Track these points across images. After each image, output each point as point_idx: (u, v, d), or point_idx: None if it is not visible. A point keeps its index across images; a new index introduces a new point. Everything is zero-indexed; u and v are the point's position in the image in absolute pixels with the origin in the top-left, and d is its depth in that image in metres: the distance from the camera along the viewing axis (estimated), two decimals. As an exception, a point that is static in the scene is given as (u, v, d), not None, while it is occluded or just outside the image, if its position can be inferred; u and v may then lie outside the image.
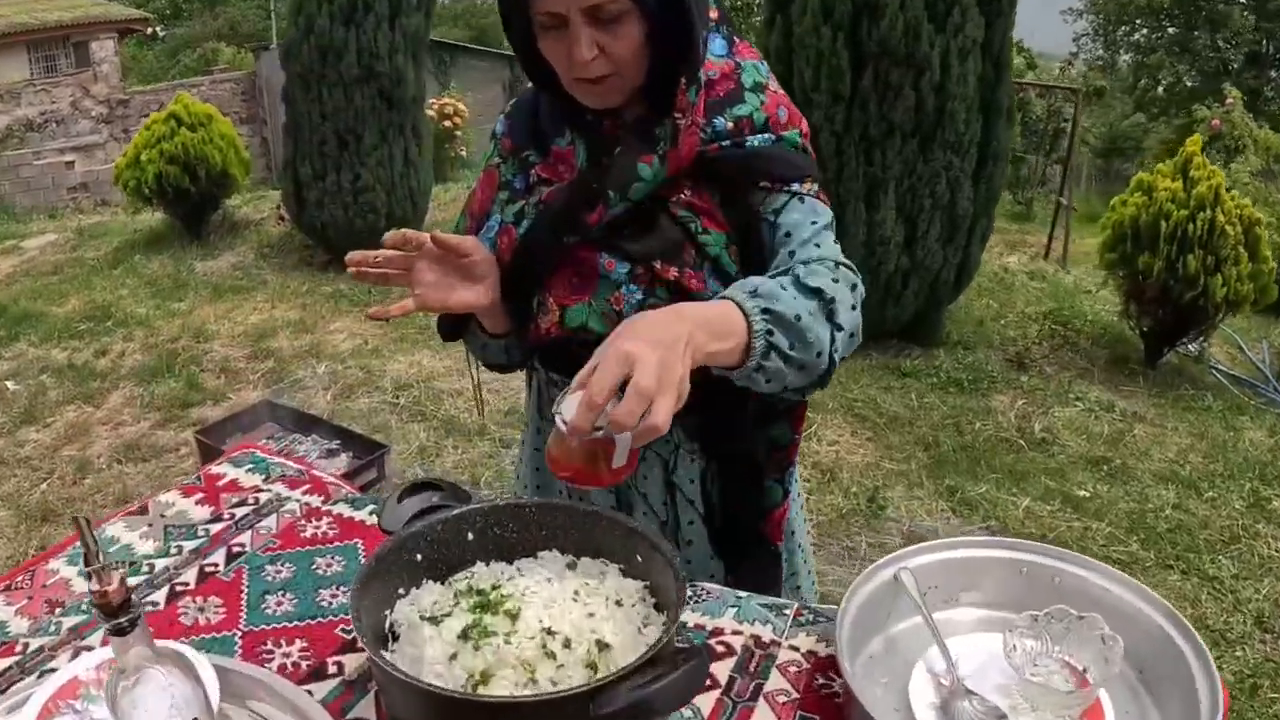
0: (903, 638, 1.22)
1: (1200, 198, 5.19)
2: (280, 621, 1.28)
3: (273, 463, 1.69)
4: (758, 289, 1.17)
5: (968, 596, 1.27)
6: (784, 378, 1.18)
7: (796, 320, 1.16)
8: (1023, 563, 1.26)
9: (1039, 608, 1.16)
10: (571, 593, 1.03)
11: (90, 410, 4.99)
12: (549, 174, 1.39)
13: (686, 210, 1.33)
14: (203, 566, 1.41)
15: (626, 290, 1.35)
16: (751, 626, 1.24)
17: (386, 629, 1.06)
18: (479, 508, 1.14)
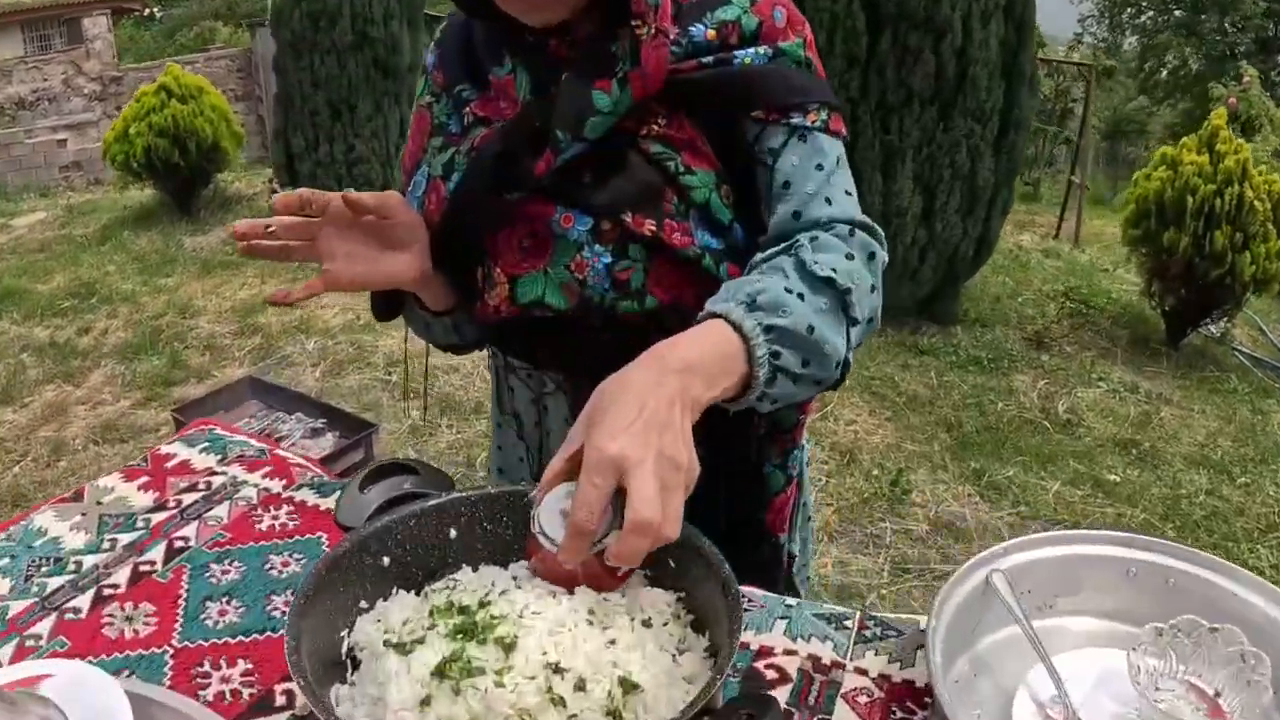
0: (995, 656, 1.00)
1: (1227, 172, 5.06)
2: (222, 636, 1.05)
3: (232, 441, 1.46)
4: (756, 297, 0.92)
5: (1065, 603, 1.05)
6: (792, 397, 0.97)
7: (809, 333, 0.93)
8: (1130, 562, 1.04)
9: (1151, 615, 0.96)
10: (586, 612, 0.79)
11: (69, 390, 4.81)
12: (487, 111, 1.13)
13: (662, 145, 1.06)
14: (137, 565, 1.18)
15: (590, 252, 1.08)
16: (808, 644, 1.00)
17: (344, 653, 0.82)
18: (464, 496, 0.90)
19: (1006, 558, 1.02)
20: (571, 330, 1.12)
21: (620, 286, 1.08)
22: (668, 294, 1.09)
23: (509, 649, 0.74)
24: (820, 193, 1.06)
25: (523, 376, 1.23)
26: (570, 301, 1.09)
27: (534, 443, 1.27)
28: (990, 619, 1.01)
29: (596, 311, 1.10)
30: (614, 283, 1.08)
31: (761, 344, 0.89)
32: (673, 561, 0.85)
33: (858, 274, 1.00)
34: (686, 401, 0.82)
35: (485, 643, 0.74)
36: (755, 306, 0.91)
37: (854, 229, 1.04)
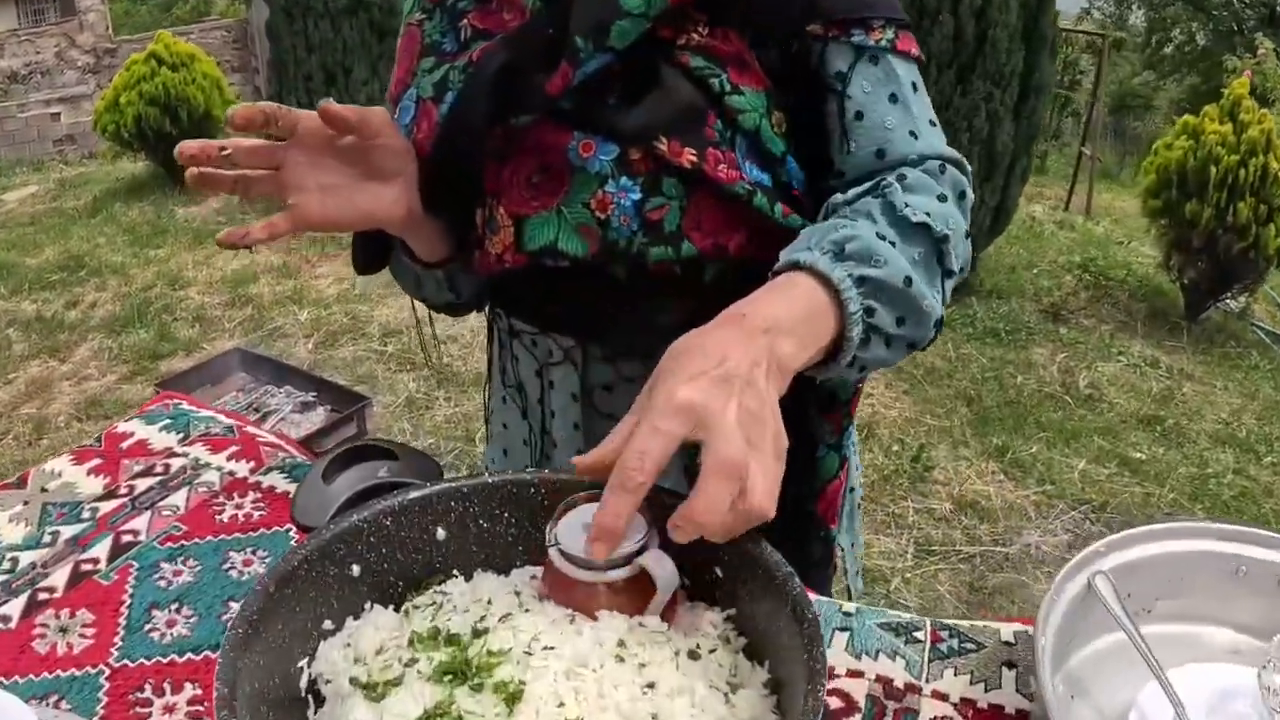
0: (1093, 674, 0.83)
1: (1251, 142, 4.89)
2: (168, 653, 0.88)
3: (197, 417, 1.28)
4: (844, 245, 0.77)
5: (1166, 606, 0.88)
6: (881, 363, 0.82)
7: (906, 285, 0.78)
8: (1240, 559, 0.88)
9: (1267, 622, 0.83)
10: (615, 645, 0.60)
11: (55, 365, 4.65)
12: (488, 24, 0.95)
13: (704, 57, 0.87)
14: (78, 563, 1.01)
15: (615, 187, 0.89)
16: (875, 662, 0.82)
17: (304, 687, 0.64)
18: (454, 487, 0.71)
19: (1108, 557, 0.85)
20: (589, 284, 0.93)
21: (652, 229, 0.89)
22: (708, 239, 0.90)
23: (513, 699, 0.55)
24: (902, 126, 0.89)
25: (527, 342, 1.04)
26: (589, 248, 0.90)
27: (538, 423, 1.07)
28: (1085, 630, 0.84)
29: (621, 259, 0.90)
30: (644, 224, 0.89)
31: (855, 299, 0.74)
32: (720, 571, 0.67)
33: (952, 218, 0.84)
34: (773, 365, 0.66)
35: (481, 689, 0.56)
36: (844, 255, 0.75)
37: (944, 165, 0.88)
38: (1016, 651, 0.86)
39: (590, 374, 0.99)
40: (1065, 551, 3.22)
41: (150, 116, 7.02)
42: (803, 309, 0.72)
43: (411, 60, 1.02)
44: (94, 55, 14.39)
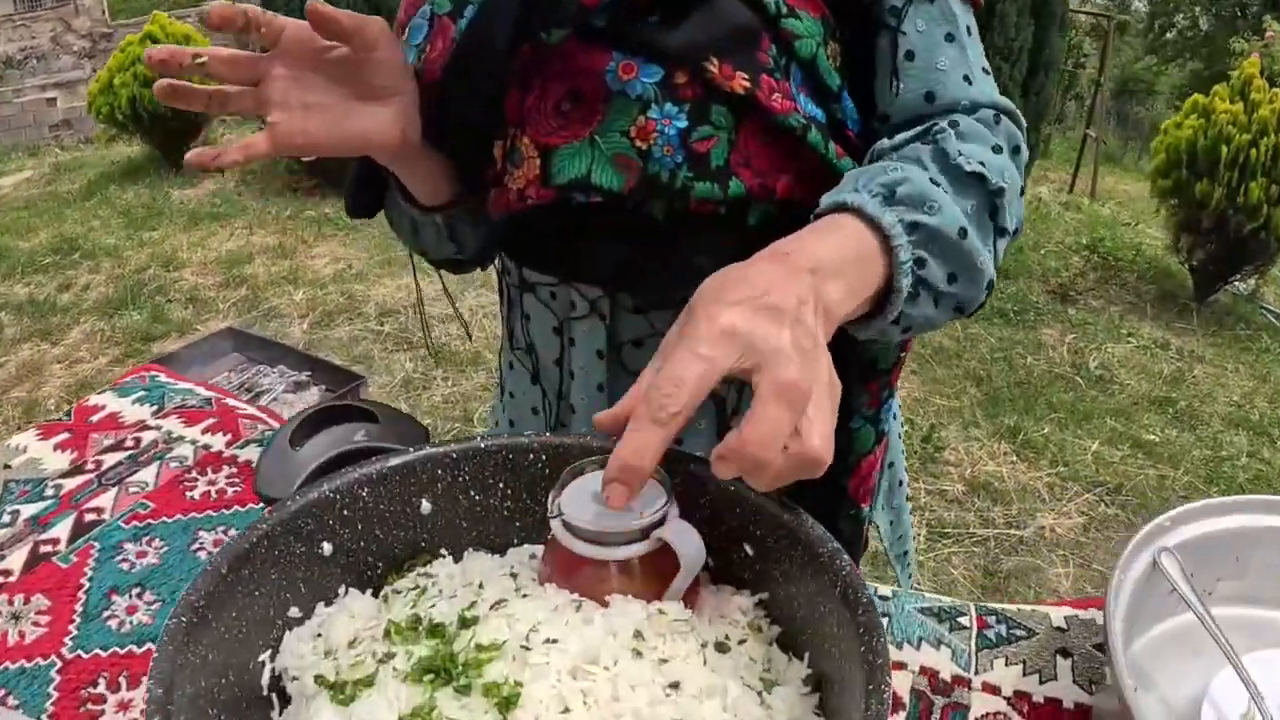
0: (1155, 661, 0.75)
1: (1263, 121, 4.81)
2: (125, 642, 0.79)
3: (172, 389, 1.20)
4: (895, 188, 0.69)
5: (1227, 587, 0.81)
6: (926, 325, 0.74)
7: (960, 237, 0.70)
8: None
9: None
10: (630, 636, 0.50)
11: (46, 348, 4.56)
12: None
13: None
14: (38, 544, 0.93)
15: (659, 113, 0.78)
16: (918, 651, 0.73)
17: (266, 684, 0.55)
18: (442, 452, 0.62)
19: (1172, 532, 0.77)
20: (622, 224, 0.83)
21: (697, 162, 0.79)
22: (756, 178, 0.80)
23: (507, 704, 0.45)
24: (955, 69, 0.81)
25: (544, 296, 0.93)
26: (626, 182, 0.79)
27: (553, 387, 0.97)
28: (1147, 613, 0.76)
29: (662, 195, 0.80)
30: (690, 156, 0.79)
31: (905, 246, 0.66)
32: (750, 548, 0.57)
33: (1008, 171, 0.76)
34: (820, 307, 0.57)
35: (469, 691, 0.46)
36: (895, 199, 0.68)
37: (999, 115, 0.80)
38: (1070, 638, 0.77)
39: (619, 327, 0.89)
40: (1080, 534, 3.14)
41: (145, 98, 6.91)
42: (851, 252, 0.64)
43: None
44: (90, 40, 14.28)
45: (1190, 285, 5.30)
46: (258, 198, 6.60)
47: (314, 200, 6.37)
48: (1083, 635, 0.77)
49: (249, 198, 6.61)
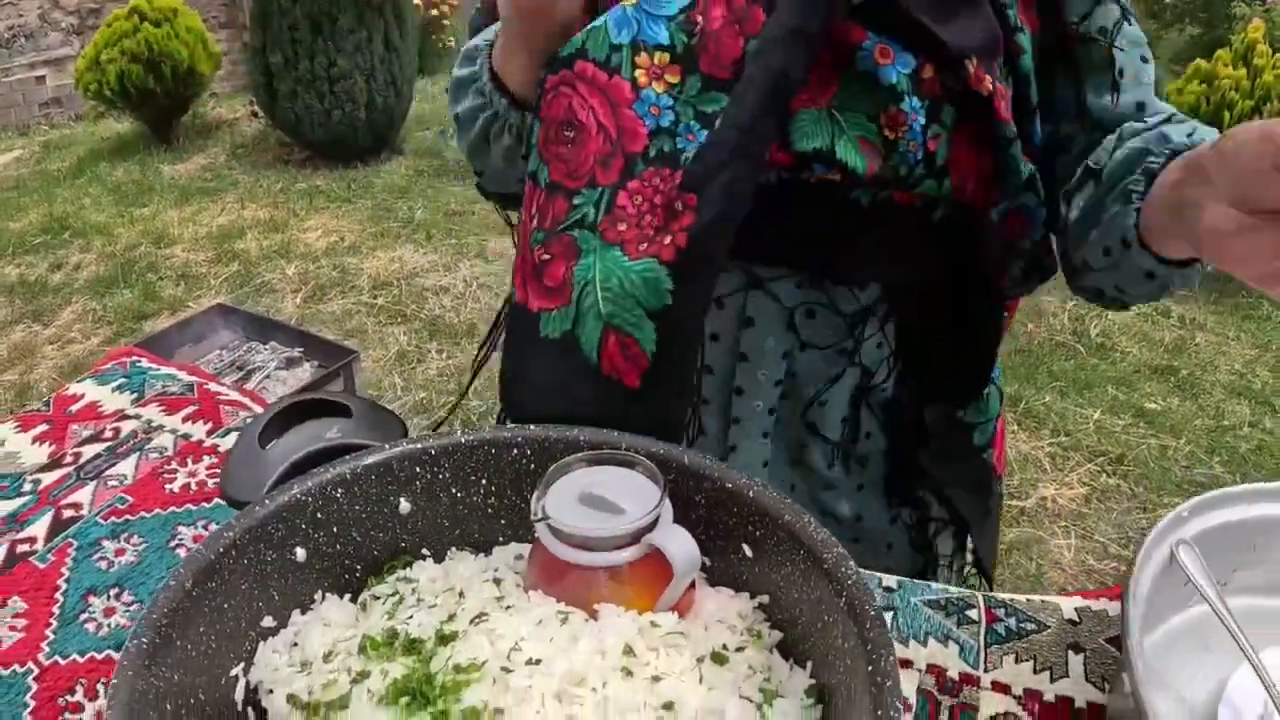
0: (1169, 656, 0.72)
1: (1266, 87, 4.77)
2: (103, 647, 0.76)
3: (154, 375, 1.16)
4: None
5: (1244, 577, 0.78)
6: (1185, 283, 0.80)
7: None
8: None
9: None
10: (620, 653, 0.47)
11: (39, 329, 4.53)
12: None
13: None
14: (14, 544, 0.89)
15: (909, 106, 0.76)
16: (925, 647, 0.70)
17: (240, 700, 0.52)
18: (420, 449, 0.58)
19: (1191, 522, 0.74)
20: (828, 202, 0.80)
21: (930, 160, 0.78)
22: (959, 178, 0.80)
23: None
24: (1151, 85, 0.87)
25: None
26: (870, 165, 0.77)
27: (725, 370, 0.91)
28: (1159, 607, 0.73)
29: (893, 184, 0.79)
30: (926, 154, 0.78)
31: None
32: (749, 549, 0.54)
33: None
34: None
35: (445, 717, 0.43)
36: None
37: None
38: (1082, 632, 0.74)
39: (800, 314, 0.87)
40: (1083, 505, 3.13)
41: (133, 73, 6.83)
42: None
43: None
44: (78, 16, 14.11)
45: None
46: (249, 171, 6.54)
47: (306, 173, 6.31)
48: (1095, 629, 0.74)
49: (240, 171, 6.56)
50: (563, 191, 0.76)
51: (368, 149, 6.29)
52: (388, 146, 6.46)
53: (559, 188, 0.76)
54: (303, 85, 6.05)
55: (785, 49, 0.72)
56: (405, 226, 5.24)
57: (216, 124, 7.77)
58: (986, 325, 0.89)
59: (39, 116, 12.84)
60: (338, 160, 6.24)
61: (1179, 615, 0.75)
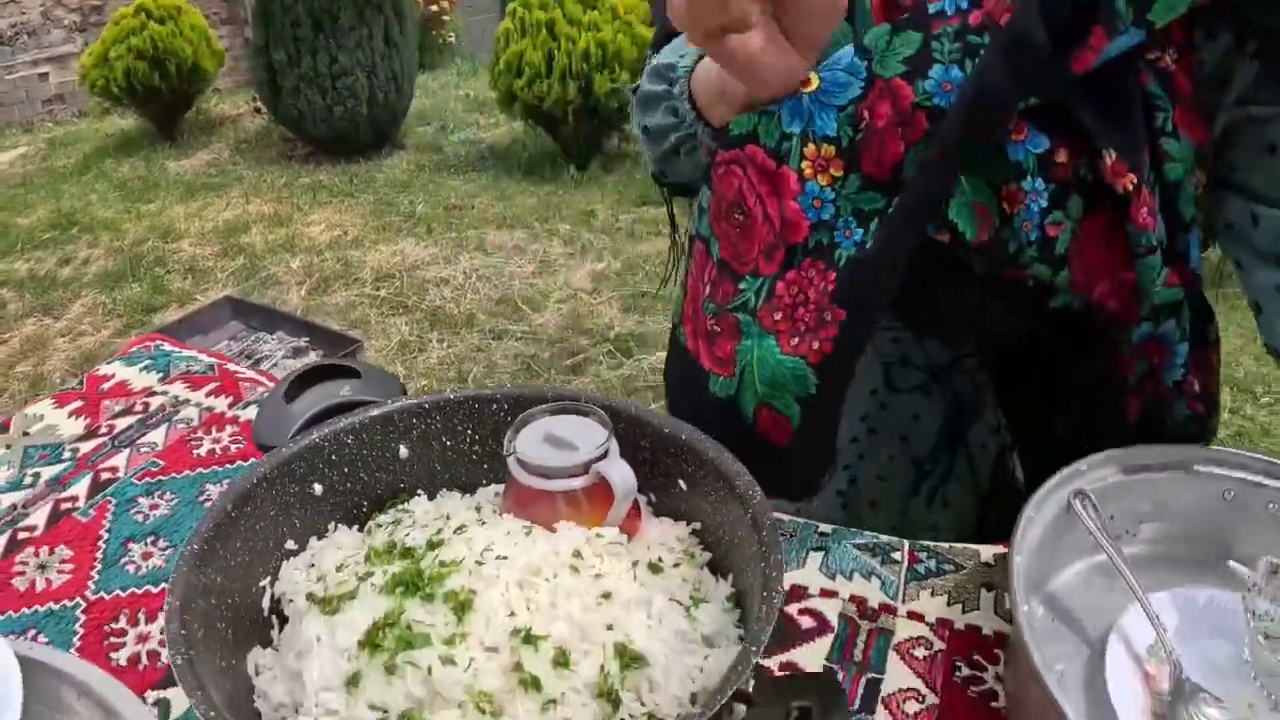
0: (1074, 596, 0.81)
1: None
2: (142, 584, 0.87)
3: (177, 357, 1.27)
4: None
5: (1151, 529, 0.87)
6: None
7: None
8: (1227, 482, 0.85)
9: (1252, 548, 0.80)
10: (570, 555, 0.59)
11: (50, 322, 4.63)
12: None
13: (1160, 87, 0.75)
14: (58, 502, 1.01)
15: (1030, 185, 0.74)
16: (850, 582, 0.82)
17: (267, 607, 0.64)
18: (415, 404, 0.71)
19: (1089, 474, 0.84)
20: (943, 262, 0.80)
21: (1047, 245, 0.76)
22: (1082, 274, 0.78)
23: (463, 608, 0.55)
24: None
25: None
26: (979, 234, 0.76)
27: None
28: (1068, 552, 0.83)
29: (1001, 261, 0.78)
30: (1042, 238, 0.76)
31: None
32: (684, 483, 0.66)
33: None
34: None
35: (432, 599, 0.55)
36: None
37: None
38: (996, 574, 0.85)
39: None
40: (1061, 485, 3.22)
41: (139, 71, 6.92)
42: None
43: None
44: (80, 13, 14.17)
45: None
46: (253, 167, 6.63)
47: (309, 168, 6.41)
48: (1007, 571, 0.85)
49: (244, 167, 6.65)
50: (730, 273, 0.81)
51: (369, 144, 6.39)
52: (389, 142, 6.55)
53: (728, 267, 0.81)
54: (305, 82, 6.15)
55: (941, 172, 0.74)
56: (406, 220, 5.34)
57: (220, 120, 7.84)
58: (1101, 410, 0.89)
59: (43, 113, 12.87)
60: (340, 155, 6.33)
61: (1084, 561, 0.84)
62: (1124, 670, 0.73)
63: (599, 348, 4.04)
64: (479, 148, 6.56)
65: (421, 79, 7.32)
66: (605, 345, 4.04)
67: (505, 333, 4.12)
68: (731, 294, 0.81)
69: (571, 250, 4.88)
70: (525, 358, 3.95)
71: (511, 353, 4.00)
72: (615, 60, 5.44)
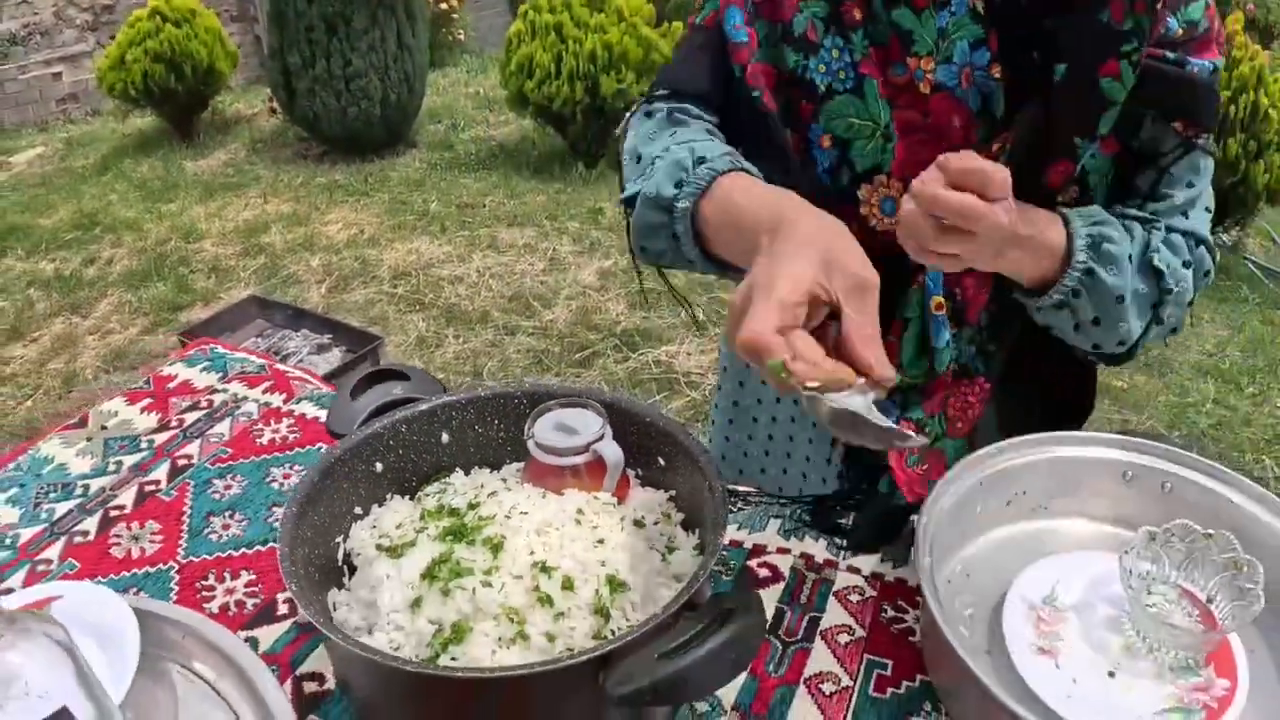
0: (988, 557, 0.99)
1: (1242, 79, 4.83)
2: (225, 549, 1.06)
3: (232, 358, 1.46)
4: (1103, 242, 0.94)
5: (1062, 504, 1.04)
6: (1062, 334, 1.01)
7: (1118, 301, 0.96)
8: (1127, 465, 1.02)
9: (1147, 519, 0.94)
10: (574, 511, 0.79)
11: (78, 321, 4.77)
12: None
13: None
14: (142, 485, 1.19)
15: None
16: (801, 542, 1.00)
17: (340, 559, 0.82)
18: (454, 400, 0.91)
19: (1000, 457, 1.01)
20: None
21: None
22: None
23: (496, 549, 0.75)
24: (1182, 206, 1.04)
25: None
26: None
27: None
28: (985, 520, 1.00)
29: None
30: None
31: (1072, 277, 0.93)
32: (662, 460, 0.85)
33: (1184, 282, 1.01)
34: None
35: (474, 544, 0.75)
36: (1098, 249, 0.93)
37: (1199, 243, 1.04)
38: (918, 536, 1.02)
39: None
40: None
41: (156, 73, 7.04)
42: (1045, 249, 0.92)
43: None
44: (92, 13, 14.31)
45: (1174, 238, 5.45)
46: (269, 166, 6.76)
47: (324, 167, 6.55)
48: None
49: (261, 167, 6.78)
50: None
51: (383, 143, 6.53)
52: (402, 140, 6.69)
53: None
54: (320, 84, 6.30)
55: None
56: (420, 219, 5.49)
57: (235, 120, 7.94)
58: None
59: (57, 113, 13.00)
60: (354, 154, 6.48)
61: (999, 530, 1.01)
62: (1018, 613, 0.90)
63: (606, 342, 4.20)
64: (489, 145, 6.69)
65: (432, 77, 7.46)
66: (612, 340, 4.21)
67: (517, 328, 4.28)
68: None
69: (580, 248, 5.04)
70: (537, 352, 4.12)
71: (524, 348, 4.16)
72: (621, 61, 5.58)
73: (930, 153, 0.89)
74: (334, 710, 0.84)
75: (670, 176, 0.93)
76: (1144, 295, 0.98)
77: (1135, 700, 0.82)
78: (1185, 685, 0.83)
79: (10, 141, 9.35)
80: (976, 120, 0.97)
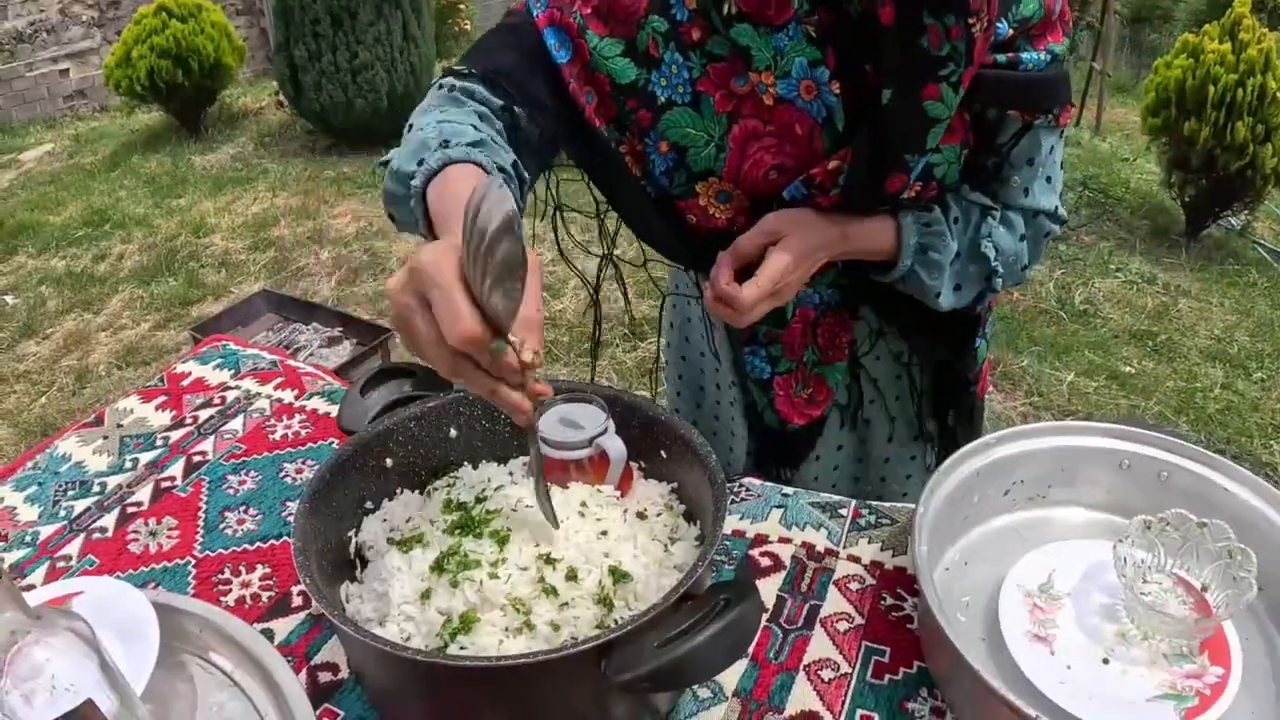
0: (985, 546, 1.01)
1: (1250, 61, 4.82)
2: (240, 544, 1.08)
3: (244, 355, 1.48)
4: (929, 251, 1.06)
5: (1059, 493, 1.06)
6: (923, 295, 1.11)
7: (935, 298, 1.10)
8: (1124, 454, 1.04)
9: (1143, 508, 0.96)
10: (578, 504, 0.81)
11: (90, 317, 4.80)
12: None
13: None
14: (158, 481, 1.21)
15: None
16: (802, 532, 1.02)
17: (352, 552, 0.85)
18: (461, 396, 0.93)
19: (998, 447, 1.03)
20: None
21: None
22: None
23: (503, 542, 0.77)
24: (1023, 184, 1.11)
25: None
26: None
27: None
28: (983, 509, 1.02)
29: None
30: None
31: (898, 274, 1.07)
32: (665, 453, 0.87)
33: (1015, 256, 1.11)
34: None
35: (481, 537, 0.77)
36: (923, 253, 1.06)
37: (1037, 214, 1.12)
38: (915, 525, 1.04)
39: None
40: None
41: (163, 69, 7.06)
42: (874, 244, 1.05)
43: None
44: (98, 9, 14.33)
45: (1183, 221, 5.37)
46: (277, 160, 6.78)
47: (332, 160, 6.58)
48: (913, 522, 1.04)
49: (269, 161, 6.81)
50: None
51: (391, 135, 6.51)
52: (408, 133, 6.73)
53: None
54: (326, 77, 6.32)
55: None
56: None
57: (243, 114, 7.95)
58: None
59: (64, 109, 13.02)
60: (362, 147, 6.49)
61: (998, 519, 1.03)
62: (1014, 602, 0.92)
63: (614, 331, 4.22)
64: (495, 137, 6.69)
65: (438, 68, 7.41)
66: (620, 329, 4.22)
67: (526, 319, 4.32)
68: None
69: (588, 237, 5.05)
70: (545, 343, 4.13)
71: (532, 339, 4.18)
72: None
73: (775, 158, 1.03)
74: (348, 699, 0.86)
75: (414, 154, 0.92)
76: (972, 275, 1.09)
77: (1129, 687, 0.84)
78: (1179, 672, 0.85)
79: (19, 139, 9.37)
80: (822, 128, 1.02)
